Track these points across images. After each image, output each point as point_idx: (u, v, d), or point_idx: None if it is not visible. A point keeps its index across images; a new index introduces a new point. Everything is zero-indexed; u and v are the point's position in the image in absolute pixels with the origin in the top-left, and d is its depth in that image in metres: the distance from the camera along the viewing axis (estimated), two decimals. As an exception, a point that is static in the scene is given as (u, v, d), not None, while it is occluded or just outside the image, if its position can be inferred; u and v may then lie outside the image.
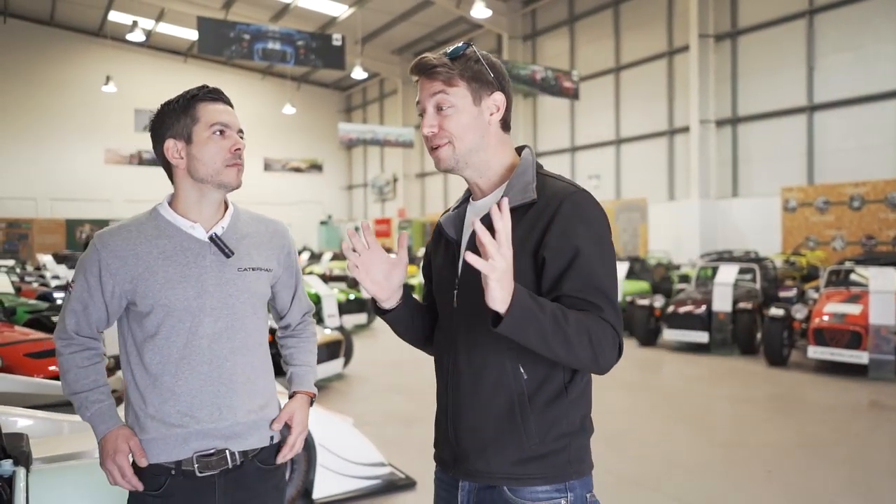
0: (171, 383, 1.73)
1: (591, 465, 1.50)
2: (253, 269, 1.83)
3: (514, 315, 1.23)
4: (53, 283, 13.40)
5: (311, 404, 1.95)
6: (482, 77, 1.47)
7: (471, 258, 1.19)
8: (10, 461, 2.27)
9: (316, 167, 29.07)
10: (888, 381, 7.43)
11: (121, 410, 1.86)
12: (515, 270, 1.30)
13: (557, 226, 1.38)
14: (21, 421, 3.38)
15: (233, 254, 1.79)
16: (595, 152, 21.01)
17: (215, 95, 1.80)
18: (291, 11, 23.69)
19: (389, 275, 1.56)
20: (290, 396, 1.93)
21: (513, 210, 1.41)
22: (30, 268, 18.84)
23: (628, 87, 19.91)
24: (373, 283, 1.53)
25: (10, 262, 16.79)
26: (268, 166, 27.47)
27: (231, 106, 1.83)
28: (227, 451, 1.76)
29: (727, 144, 17.37)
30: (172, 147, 1.77)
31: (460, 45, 1.49)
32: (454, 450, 1.51)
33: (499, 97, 1.49)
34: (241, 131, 1.81)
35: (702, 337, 9.38)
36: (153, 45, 27.93)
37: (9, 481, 2.21)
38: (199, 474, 1.73)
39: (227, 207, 1.87)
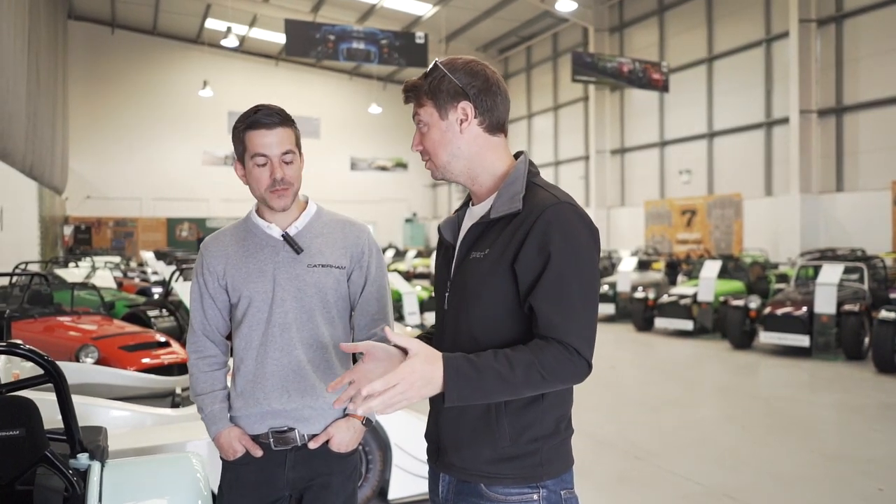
0: (251, 367, 1.96)
1: (571, 462, 1.53)
2: (323, 266, 1.97)
3: (452, 395, 1.32)
4: (153, 278, 14.06)
5: (369, 424, 2.03)
6: (447, 90, 1.52)
7: (378, 403, 1.27)
8: (87, 455, 2.31)
9: (401, 165, 29.40)
10: None
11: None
12: (495, 282, 1.43)
13: (533, 238, 1.40)
14: (105, 412, 3.48)
15: (302, 251, 1.96)
16: (686, 146, 20.22)
17: (259, 124, 1.89)
18: (377, 12, 24.00)
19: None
20: (343, 416, 2.00)
21: (498, 219, 1.48)
22: (133, 264, 19.89)
23: (722, 78, 19.03)
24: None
25: (116, 259, 17.76)
26: (354, 165, 28.00)
27: (282, 124, 1.91)
28: (296, 431, 1.94)
29: (830, 136, 16.31)
30: (238, 168, 2.00)
31: (433, 63, 1.56)
32: (437, 444, 1.57)
33: (465, 105, 1.52)
34: (288, 152, 1.91)
35: (802, 340, 8.80)
36: (246, 49, 28.94)
37: (84, 475, 2.24)
38: (273, 448, 1.95)
39: (305, 208, 2.04)
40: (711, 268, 10.77)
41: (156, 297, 10.62)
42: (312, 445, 1.94)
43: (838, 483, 4.43)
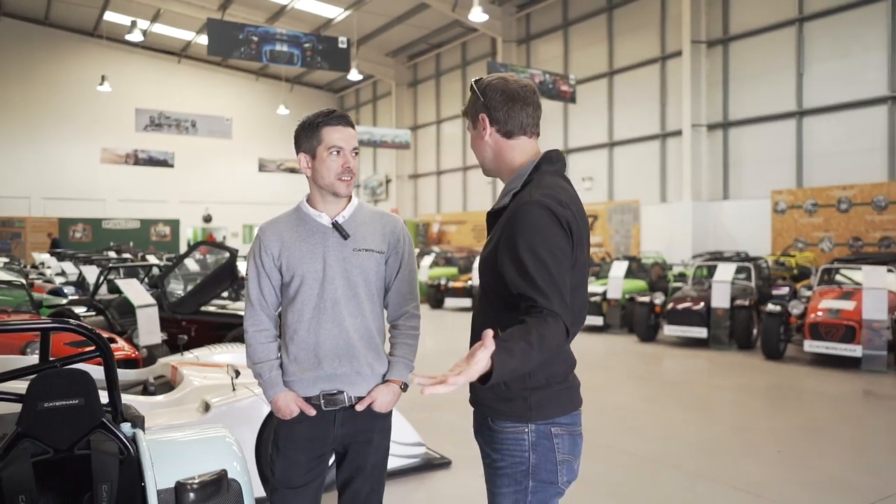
0: (305, 336, 2.26)
1: (567, 409, 1.87)
2: (366, 250, 2.30)
3: (496, 378, 1.51)
4: (58, 280, 13.51)
5: (405, 389, 2.36)
6: (473, 105, 1.94)
7: (443, 389, 1.46)
8: (129, 424, 2.53)
9: (310, 168, 29.17)
10: (880, 373, 7.81)
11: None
12: (488, 263, 1.82)
13: (506, 232, 1.75)
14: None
15: (349, 237, 2.29)
16: (588, 155, 21.36)
17: (337, 121, 2.26)
18: (287, 13, 23.85)
19: None
20: (384, 382, 2.32)
21: (498, 211, 1.88)
22: (23, 264, 18.82)
23: (621, 91, 20.28)
24: None
25: (4, 260, 16.78)
26: (262, 167, 27.58)
27: (352, 126, 2.30)
28: (345, 394, 2.26)
29: (718, 148, 17.79)
30: (303, 160, 2.31)
31: (471, 83, 1.97)
32: (470, 385, 1.90)
33: (482, 116, 1.91)
34: (356, 149, 2.30)
35: (701, 332, 9.72)
36: (148, 45, 27.94)
37: (132, 441, 2.45)
38: (324, 408, 2.26)
39: (350, 201, 2.36)
40: (619, 268, 11.62)
41: (70, 297, 10.30)
42: (360, 407, 2.26)
43: (746, 449, 5.12)
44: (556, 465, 1.83)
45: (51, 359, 2.52)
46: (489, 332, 1.51)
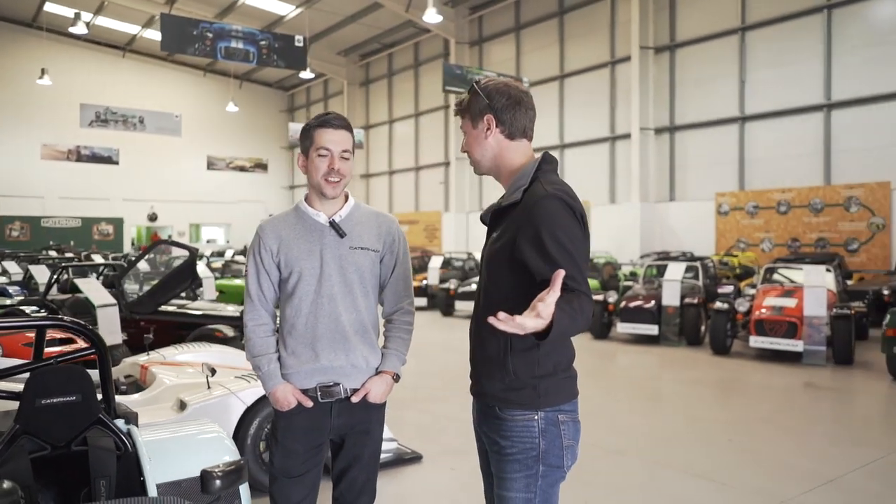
0: (302, 330, 2.35)
1: (571, 396, 1.99)
2: (362, 248, 2.39)
3: (554, 334, 1.61)
4: (0, 280, 13.07)
5: (398, 380, 2.45)
6: (476, 105, 2.02)
7: (526, 324, 1.53)
8: (122, 420, 2.56)
9: (261, 166, 28.87)
10: (819, 366, 8.25)
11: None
12: (500, 256, 1.90)
13: (526, 227, 1.83)
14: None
15: (345, 235, 2.37)
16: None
17: (329, 124, 2.35)
18: (238, 9, 23.55)
19: None
20: (377, 373, 2.40)
21: (507, 207, 1.95)
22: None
23: (572, 95, 20.72)
24: None
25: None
26: (211, 164, 27.11)
27: (346, 129, 2.36)
28: (340, 385, 2.33)
29: (665, 151, 18.36)
30: (300, 159, 2.42)
31: (472, 84, 2.08)
32: (472, 377, 2.08)
33: (488, 118, 2.01)
34: (346, 151, 2.36)
35: (652, 329, 10.06)
36: (91, 38, 27.15)
37: (128, 436, 2.49)
38: (320, 400, 2.33)
39: (346, 201, 2.44)
40: (573, 267, 11.89)
41: (16, 298, 10.01)
42: (355, 399, 2.34)
43: (699, 437, 5.39)
44: (563, 450, 1.94)
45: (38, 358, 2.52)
46: (560, 273, 1.58)
